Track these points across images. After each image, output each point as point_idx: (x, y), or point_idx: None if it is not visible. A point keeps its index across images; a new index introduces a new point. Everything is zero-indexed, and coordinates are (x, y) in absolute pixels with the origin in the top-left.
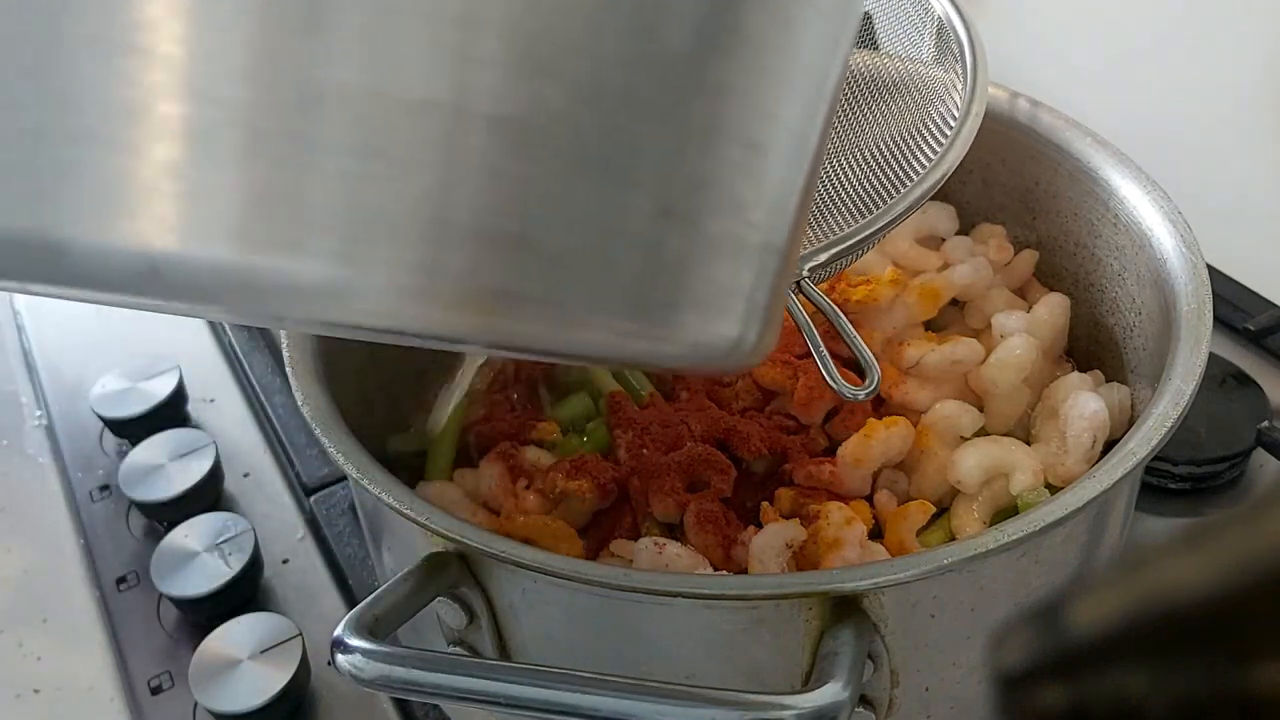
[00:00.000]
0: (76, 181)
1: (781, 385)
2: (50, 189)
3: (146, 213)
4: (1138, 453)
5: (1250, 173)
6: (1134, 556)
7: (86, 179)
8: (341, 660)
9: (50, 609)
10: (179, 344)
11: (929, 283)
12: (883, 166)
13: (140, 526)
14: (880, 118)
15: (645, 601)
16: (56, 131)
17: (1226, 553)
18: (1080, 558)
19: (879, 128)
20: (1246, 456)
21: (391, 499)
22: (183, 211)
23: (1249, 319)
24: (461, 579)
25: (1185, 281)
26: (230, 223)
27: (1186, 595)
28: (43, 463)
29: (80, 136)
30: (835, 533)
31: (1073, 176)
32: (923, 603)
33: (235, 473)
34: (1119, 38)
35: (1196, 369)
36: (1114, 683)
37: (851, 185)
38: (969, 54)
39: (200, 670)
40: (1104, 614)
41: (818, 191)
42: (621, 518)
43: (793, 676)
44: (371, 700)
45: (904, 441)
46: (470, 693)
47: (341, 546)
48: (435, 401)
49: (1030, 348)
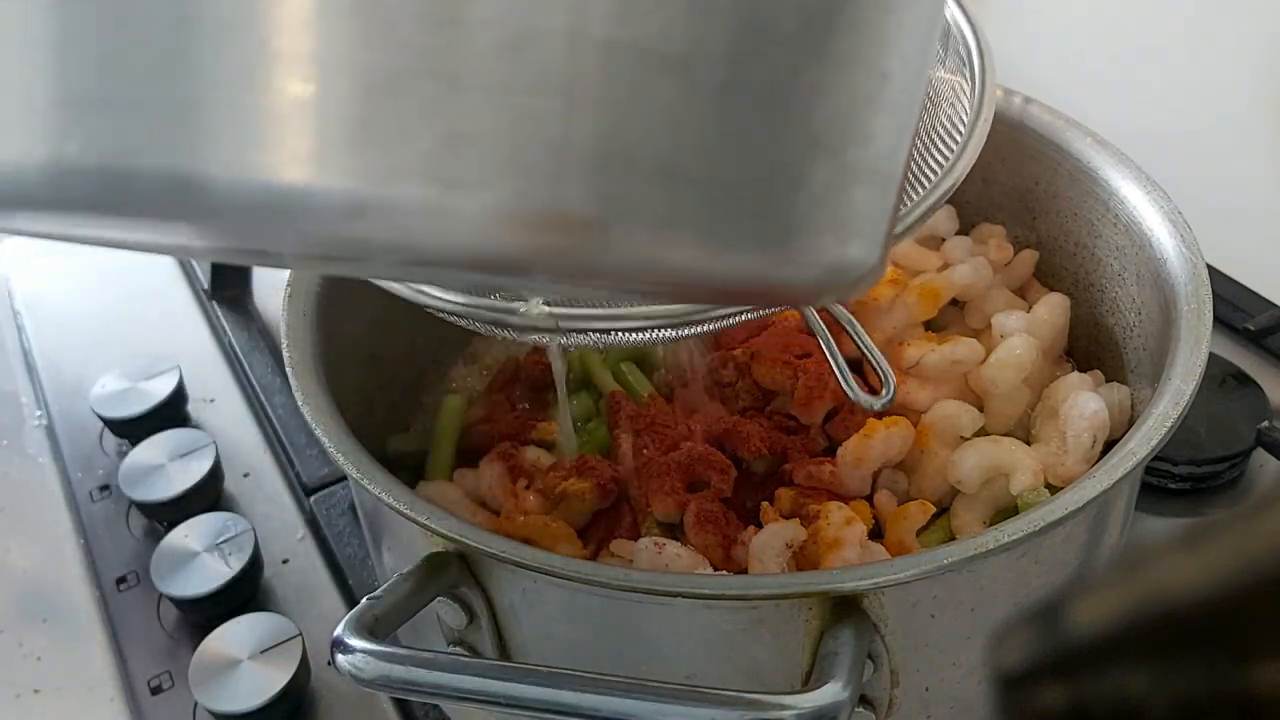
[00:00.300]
0: (231, 116)
1: (781, 385)
2: (211, 126)
3: (329, 150)
4: (1138, 453)
5: (1250, 173)
6: (1134, 556)
7: (242, 115)
8: (341, 660)
9: (50, 609)
10: (179, 344)
11: (929, 283)
12: None
13: (140, 526)
14: None
15: (645, 601)
16: (204, 60)
17: (1226, 553)
18: (1080, 558)
19: None
20: (1246, 456)
21: (391, 499)
22: (369, 151)
23: (1249, 319)
24: (461, 579)
25: (1185, 281)
26: (416, 163)
27: (1186, 595)
28: (43, 463)
29: (233, 62)
30: (835, 533)
31: (1073, 176)
32: (923, 603)
33: (235, 473)
34: (1119, 38)
35: (1196, 369)
36: (1114, 683)
37: None
38: (977, 58)
39: (200, 670)
40: (1104, 614)
41: None
42: (621, 518)
43: (793, 676)
44: (371, 700)
45: (904, 441)
46: (470, 693)
47: (341, 546)
48: (436, 403)
49: (1030, 348)
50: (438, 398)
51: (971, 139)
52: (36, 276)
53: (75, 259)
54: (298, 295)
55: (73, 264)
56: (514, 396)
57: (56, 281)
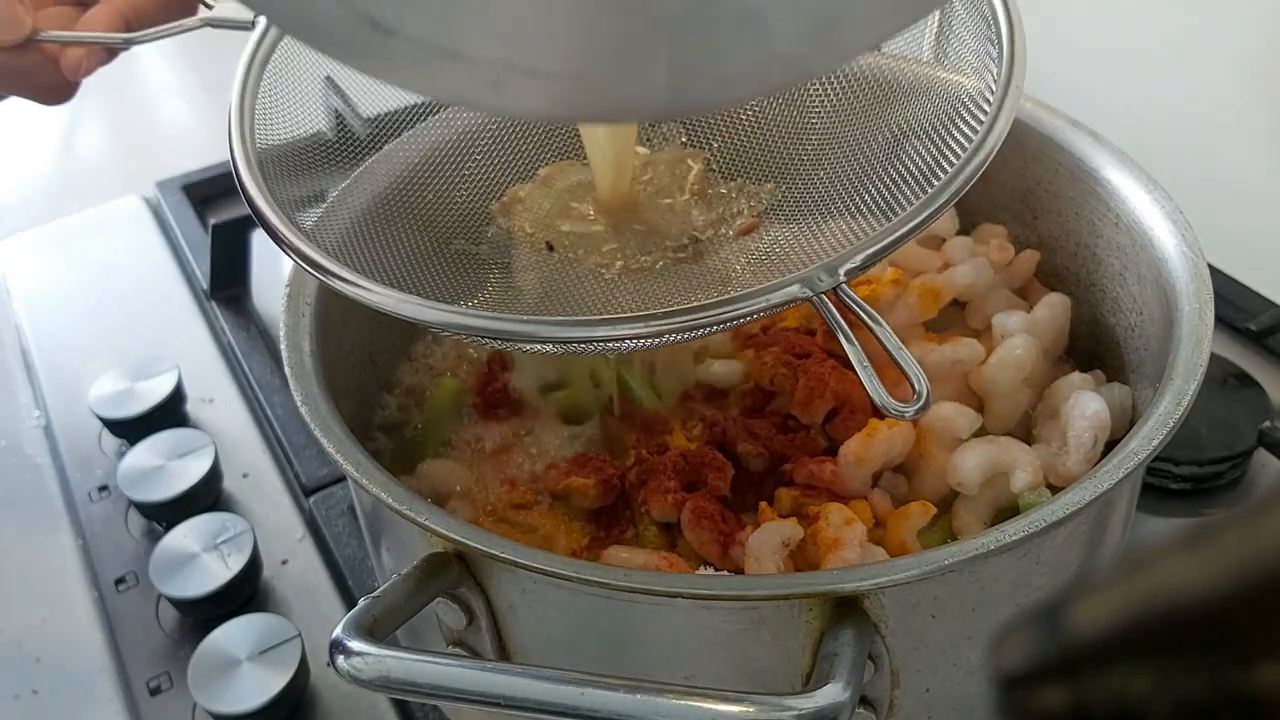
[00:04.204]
0: None
1: (781, 385)
2: None
3: None
4: (1139, 453)
5: (1252, 172)
6: (1135, 557)
7: None
8: (340, 661)
9: (49, 609)
10: (178, 344)
11: (930, 283)
12: (909, 167)
13: (139, 527)
14: (902, 118)
15: (645, 602)
16: None
17: (1228, 553)
18: (1081, 558)
19: (902, 126)
20: (1248, 457)
21: (391, 499)
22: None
23: (1251, 319)
24: (461, 579)
25: (1187, 281)
26: None
27: (1188, 596)
28: (41, 463)
29: None
30: (835, 533)
31: (1074, 176)
32: (923, 603)
33: (234, 473)
34: (1120, 38)
35: (1198, 369)
36: (1115, 683)
37: (879, 186)
38: (1005, 27)
39: (199, 671)
40: (1105, 614)
41: (845, 195)
42: (621, 517)
43: (793, 677)
44: (371, 701)
45: (905, 442)
46: (470, 693)
47: (340, 547)
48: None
49: (1031, 348)
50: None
51: (1002, 111)
52: (35, 276)
53: (75, 259)
54: (297, 296)
55: (72, 264)
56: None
57: (55, 281)
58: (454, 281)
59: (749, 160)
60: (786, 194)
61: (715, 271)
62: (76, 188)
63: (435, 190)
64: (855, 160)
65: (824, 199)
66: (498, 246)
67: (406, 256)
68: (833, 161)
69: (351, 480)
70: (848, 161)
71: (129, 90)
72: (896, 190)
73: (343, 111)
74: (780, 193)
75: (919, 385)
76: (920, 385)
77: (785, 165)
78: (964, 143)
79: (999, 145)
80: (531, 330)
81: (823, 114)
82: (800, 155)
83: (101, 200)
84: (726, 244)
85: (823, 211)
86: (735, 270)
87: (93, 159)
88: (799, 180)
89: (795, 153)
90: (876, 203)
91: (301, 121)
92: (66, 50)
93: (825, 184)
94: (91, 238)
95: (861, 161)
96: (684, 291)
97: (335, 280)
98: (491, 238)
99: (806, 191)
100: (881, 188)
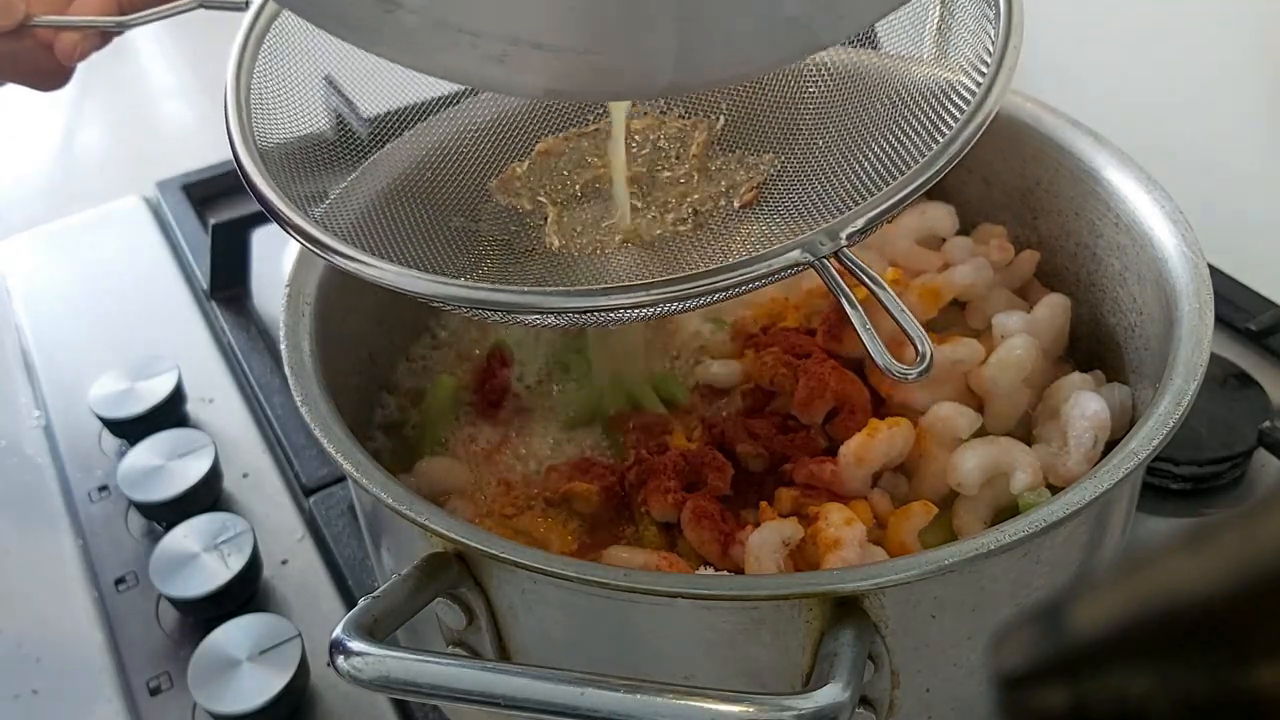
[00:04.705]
0: None
1: (781, 385)
2: None
3: None
4: (1139, 453)
5: (1252, 172)
6: (1135, 557)
7: None
8: (340, 661)
9: (49, 609)
10: (178, 344)
11: (930, 283)
12: (909, 134)
13: (139, 527)
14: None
15: (645, 602)
16: None
17: (1228, 553)
18: (1081, 558)
19: (900, 93)
20: (1248, 457)
21: (391, 499)
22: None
23: (1251, 319)
24: (461, 579)
25: (1187, 281)
26: None
27: (1188, 596)
28: (41, 463)
29: None
30: (835, 533)
31: (1074, 176)
32: (924, 603)
33: (234, 473)
34: (1120, 37)
35: (1198, 369)
36: (1115, 683)
37: (878, 153)
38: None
39: (199, 671)
40: (1105, 614)
41: (835, 177)
42: (621, 518)
43: (793, 677)
44: (371, 701)
45: (906, 442)
46: (470, 693)
47: (340, 547)
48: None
49: (1030, 348)
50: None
51: (1002, 67)
52: (35, 276)
53: (75, 259)
54: (296, 295)
55: (71, 264)
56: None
57: (55, 281)
58: (455, 260)
59: (748, 132)
60: (785, 164)
61: (716, 242)
62: (76, 188)
63: (439, 175)
64: (854, 129)
65: (823, 168)
66: (498, 223)
67: (409, 236)
68: (831, 131)
69: (351, 480)
70: (846, 131)
71: (129, 90)
72: (896, 157)
73: (343, 112)
74: (779, 163)
75: (922, 347)
76: (923, 347)
77: (783, 135)
78: (963, 106)
79: (997, 108)
80: (534, 301)
81: (820, 84)
82: (799, 125)
83: (101, 200)
84: (728, 215)
85: (823, 181)
86: (736, 240)
87: (93, 159)
88: (797, 150)
89: (794, 122)
90: (876, 169)
91: (300, 113)
92: (60, 35)
93: (824, 153)
94: (91, 238)
95: (860, 130)
96: (686, 262)
97: (335, 256)
98: (490, 214)
99: (805, 161)
100: (881, 154)
